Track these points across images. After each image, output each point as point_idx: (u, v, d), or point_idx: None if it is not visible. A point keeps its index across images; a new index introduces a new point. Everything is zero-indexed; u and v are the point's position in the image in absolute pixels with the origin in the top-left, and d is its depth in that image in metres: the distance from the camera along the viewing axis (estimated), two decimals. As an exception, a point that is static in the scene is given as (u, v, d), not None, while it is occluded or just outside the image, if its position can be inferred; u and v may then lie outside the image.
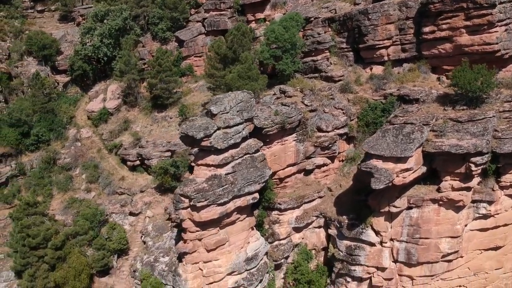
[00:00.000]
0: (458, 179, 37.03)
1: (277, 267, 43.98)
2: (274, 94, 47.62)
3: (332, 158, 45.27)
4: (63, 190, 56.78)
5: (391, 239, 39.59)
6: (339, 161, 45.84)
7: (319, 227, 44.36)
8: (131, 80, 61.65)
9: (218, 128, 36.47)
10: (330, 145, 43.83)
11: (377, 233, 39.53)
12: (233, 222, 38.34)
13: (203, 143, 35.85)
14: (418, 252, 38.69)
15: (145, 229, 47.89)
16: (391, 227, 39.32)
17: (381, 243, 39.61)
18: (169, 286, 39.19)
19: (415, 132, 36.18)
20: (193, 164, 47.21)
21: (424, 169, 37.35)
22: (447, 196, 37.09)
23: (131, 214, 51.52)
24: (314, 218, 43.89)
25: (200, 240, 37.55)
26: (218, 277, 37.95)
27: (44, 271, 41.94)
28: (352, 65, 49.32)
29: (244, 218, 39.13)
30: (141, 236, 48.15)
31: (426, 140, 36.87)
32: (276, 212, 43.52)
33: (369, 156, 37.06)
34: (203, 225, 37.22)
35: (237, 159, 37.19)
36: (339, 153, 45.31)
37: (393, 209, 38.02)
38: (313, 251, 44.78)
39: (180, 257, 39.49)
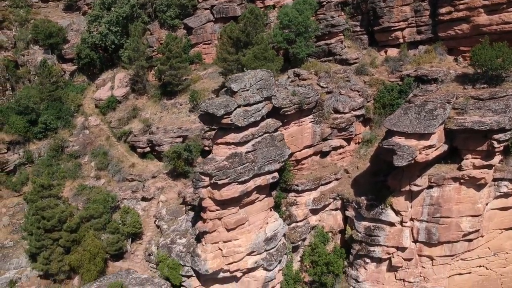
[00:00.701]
0: (479, 157, 36.74)
1: (294, 249, 43.60)
2: (288, 77, 47.19)
3: (348, 140, 44.93)
4: (72, 177, 56.13)
5: (411, 219, 39.26)
6: (356, 143, 45.51)
7: (336, 209, 44.01)
8: (139, 68, 60.97)
9: (238, 106, 35.96)
10: (347, 127, 43.47)
11: (397, 213, 39.19)
12: (252, 202, 37.85)
13: (224, 121, 35.38)
14: (439, 232, 38.37)
15: (158, 213, 47.37)
16: (411, 207, 38.97)
17: (401, 223, 39.27)
18: (188, 267, 38.61)
19: (438, 109, 35.89)
20: (206, 148, 47.05)
21: (445, 147, 37.06)
22: (469, 174, 36.78)
23: (143, 199, 50.97)
24: (331, 200, 43.50)
25: (220, 219, 37.07)
26: (238, 257, 37.45)
27: (59, 254, 41.44)
28: (367, 48, 49.05)
29: (263, 198, 38.67)
30: (155, 221, 47.63)
31: (448, 117, 36.48)
32: (293, 194, 43.13)
33: (390, 134, 36.74)
34: (223, 204, 36.74)
35: (257, 137, 36.73)
36: (355, 135, 44.97)
37: (414, 188, 37.68)
38: (330, 234, 44.39)
39: (199, 237, 38.99)
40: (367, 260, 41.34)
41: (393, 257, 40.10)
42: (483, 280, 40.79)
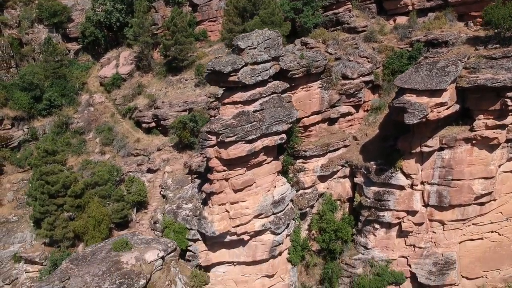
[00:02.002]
0: (492, 117, 35.95)
1: (302, 216, 42.88)
2: (295, 45, 46.47)
3: (357, 107, 44.18)
4: (77, 153, 55.67)
5: (422, 182, 38.45)
6: (364, 111, 44.78)
7: (344, 176, 43.26)
8: (144, 44, 60.47)
9: (246, 64, 35.29)
10: (356, 93, 42.76)
11: (407, 176, 38.42)
12: (260, 164, 37.17)
13: (231, 79, 34.73)
14: (450, 194, 37.52)
15: (164, 183, 46.78)
16: (422, 170, 38.19)
17: (411, 186, 38.47)
18: (194, 230, 37.94)
19: (450, 66, 35.16)
20: (212, 118, 46.20)
21: (457, 106, 36.29)
22: (481, 134, 35.97)
23: (148, 171, 50.47)
24: (340, 167, 42.76)
25: (227, 180, 36.40)
26: (245, 219, 36.74)
27: (63, 221, 40.88)
28: (375, 17, 48.31)
29: (271, 161, 38.00)
30: (161, 191, 47.06)
31: (460, 76, 35.69)
32: (301, 160, 42.44)
33: (401, 92, 36.00)
34: (230, 164, 36.08)
35: (264, 97, 36.06)
36: (364, 102, 44.21)
37: (425, 149, 36.92)
38: (338, 202, 43.57)
39: (206, 201, 38.32)
40: (377, 226, 40.52)
41: (403, 221, 39.26)
42: (495, 246, 39.88)
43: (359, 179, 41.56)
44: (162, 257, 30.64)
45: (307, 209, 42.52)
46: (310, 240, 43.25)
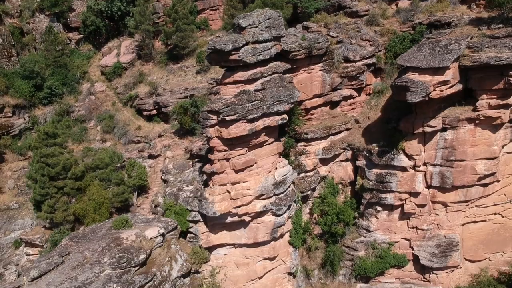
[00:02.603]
0: (495, 96, 35.60)
1: (304, 200, 42.58)
2: (297, 29, 46.18)
3: (359, 91, 43.93)
4: (78, 141, 55.54)
5: (425, 164, 38.12)
6: (366, 94, 44.49)
7: (346, 160, 42.94)
8: (145, 34, 60.31)
9: (247, 43, 35.04)
10: (358, 75, 42.48)
11: (409, 157, 38.10)
12: (261, 145, 36.92)
13: (232, 57, 34.52)
14: (453, 175, 37.19)
15: (165, 168, 46.57)
16: (424, 151, 37.86)
17: (414, 167, 38.15)
18: (195, 212, 37.65)
19: (452, 44, 34.85)
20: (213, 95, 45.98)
21: (460, 86, 35.94)
22: (484, 114, 35.65)
23: (150, 157, 50.31)
24: (341, 150, 42.47)
25: (228, 160, 36.15)
26: (246, 200, 36.46)
27: (64, 204, 40.62)
28: (377, 1, 48.04)
29: (272, 142, 37.72)
30: (161, 176, 46.78)
31: (463, 55, 35.36)
32: (302, 143, 42.14)
33: (403, 71, 35.69)
34: (231, 144, 35.83)
35: (266, 76, 35.83)
36: (366, 85, 43.94)
37: (428, 129, 36.59)
38: (340, 186, 43.24)
39: (207, 181, 38.07)
40: (379, 208, 40.21)
41: (405, 203, 38.92)
42: (498, 228, 39.51)
43: (361, 162, 41.25)
44: (163, 234, 30.38)
45: (309, 192, 42.20)
46: (311, 224, 42.92)
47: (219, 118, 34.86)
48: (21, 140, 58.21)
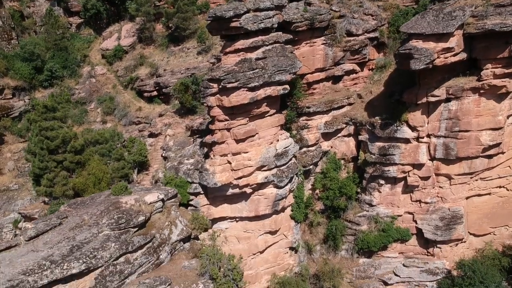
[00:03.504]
0: (500, 65, 35.05)
1: (306, 175, 42.07)
2: (298, 3, 45.58)
3: (361, 65, 43.42)
4: (78, 123, 55.13)
5: (428, 135, 37.60)
6: (369, 69, 43.92)
7: (349, 135, 42.44)
8: (146, 17, 59.88)
9: (248, 11, 34.59)
10: (360, 49, 42.02)
11: (413, 129, 37.60)
12: (262, 115, 36.44)
13: (232, 24, 34.07)
14: (458, 146, 36.64)
15: (166, 145, 46.08)
16: (428, 123, 37.36)
17: (417, 139, 37.65)
18: (195, 184, 37.14)
19: (457, 11, 34.34)
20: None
21: (464, 55, 35.35)
22: (489, 83, 35.12)
23: (150, 135, 49.89)
24: (344, 125, 41.97)
25: (228, 130, 35.68)
26: (248, 171, 35.95)
27: (63, 178, 40.11)
28: (380, -24, 47.37)
29: (274, 114, 37.20)
30: (162, 154, 46.29)
31: (467, 23, 34.81)
32: (304, 117, 41.65)
33: (407, 39, 35.17)
34: (232, 114, 35.37)
35: (267, 45, 35.35)
36: (369, 60, 43.37)
37: (432, 99, 36.11)
38: (342, 161, 42.71)
39: (207, 153, 37.59)
40: (381, 182, 39.68)
41: (408, 176, 38.39)
42: (503, 202, 38.92)
43: (363, 136, 40.75)
44: (162, 200, 29.89)
45: (311, 167, 41.71)
46: (313, 200, 42.38)
47: (220, 86, 34.40)
48: (21, 122, 57.78)
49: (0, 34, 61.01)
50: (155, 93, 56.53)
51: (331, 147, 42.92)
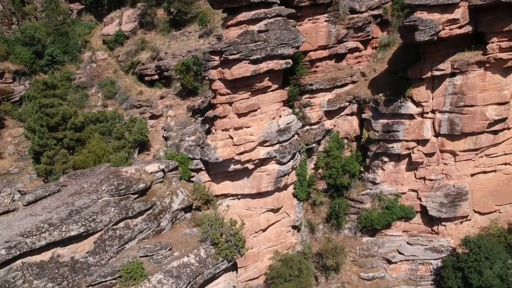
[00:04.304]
0: (506, 38, 34.44)
1: (308, 153, 41.56)
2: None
3: (365, 43, 42.89)
4: (79, 107, 54.64)
5: (433, 111, 37.06)
6: (372, 48, 43.38)
7: (352, 114, 41.95)
8: (147, 1, 59.52)
9: (249, -19, 34.06)
10: (364, 26, 41.44)
11: (417, 104, 37.09)
12: (264, 90, 35.95)
13: (235, -6, 33.49)
14: (463, 122, 36.10)
15: (167, 125, 45.63)
16: (432, 98, 36.84)
17: (421, 114, 37.15)
18: (197, 160, 36.66)
19: (462, -18, 33.64)
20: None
21: (470, 28, 34.77)
22: (495, 56, 34.52)
23: (151, 117, 49.51)
24: (347, 103, 41.47)
25: (230, 104, 35.21)
26: (250, 146, 35.45)
27: (63, 156, 39.61)
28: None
29: (276, 89, 36.70)
30: (163, 135, 45.85)
31: (473, -4, 34.24)
32: (307, 95, 41.17)
33: (411, 12, 34.63)
34: (234, 87, 34.90)
35: (269, 18, 34.82)
36: (372, 38, 42.81)
37: (436, 73, 35.58)
38: (345, 140, 42.18)
39: (209, 130, 37.12)
40: (385, 159, 39.14)
41: (413, 152, 37.85)
42: (508, 179, 38.36)
43: (367, 114, 40.25)
44: (163, 170, 29.37)
45: (314, 145, 41.21)
46: (316, 179, 41.85)
47: (222, 59, 33.92)
48: (21, 107, 57.42)
49: (0, 19, 60.52)
50: (156, 77, 56.10)
51: (334, 126, 42.41)
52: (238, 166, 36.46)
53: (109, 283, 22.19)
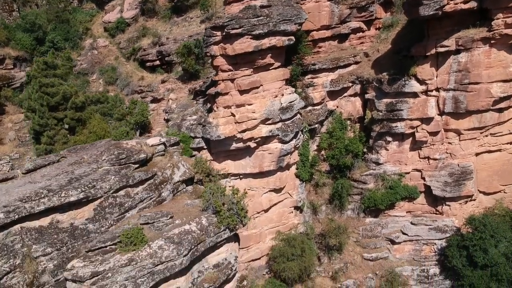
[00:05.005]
0: (512, 14, 33.92)
1: (311, 134, 41.14)
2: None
3: (368, 24, 42.51)
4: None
5: (437, 89, 36.57)
6: (376, 29, 42.93)
7: (355, 94, 41.52)
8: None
9: (252, -43, 33.67)
10: (367, 6, 41.10)
11: (421, 82, 36.65)
12: (267, 68, 35.56)
13: (237, -31, 33.10)
14: (467, 99, 35.63)
15: (168, 107, 45.24)
16: (437, 76, 36.35)
17: (426, 92, 36.69)
18: (198, 138, 36.29)
19: (467, -44, 33.19)
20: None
21: (474, 4, 34.28)
22: (500, 32, 34.03)
23: (152, 101, 49.10)
24: (350, 84, 41.04)
25: (232, 81, 34.81)
26: (252, 124, 35.06)
27: (63, 136, 39.29)
28: None
29: (279, 67, 36.27)
30: (164, 117, 45.46)
31: (479, -31, 33.82)
32: (309, 76, 40.73)
33: (415, -12, 34.19)
34: (236, 64, 34.55)
35: (272, -7, 34.42)
36: (376, 18, 42.36)
37: (441, 49, 35.18)
38: (348, 122, 41.73)
39: (211, 108, 36.72)
40: (389, 139, 38.70)
41: (417, 131, 37.41)
42: (514, 159, 37.85)
43: (370, 94, 39.83)
44: (164, 144, 28.93)
45: (316, 126, 40.81)
46: (319, 161, 41.40)
47: (224, 34, 33.51)
48: (22, 93, 57.09)
49: (1, 5, 60.25)
50: (157, 62, 55.66)
51: (337, 107, 41.98)
52: (240, 145, 36.06)
53: (108, 248, 21.77)
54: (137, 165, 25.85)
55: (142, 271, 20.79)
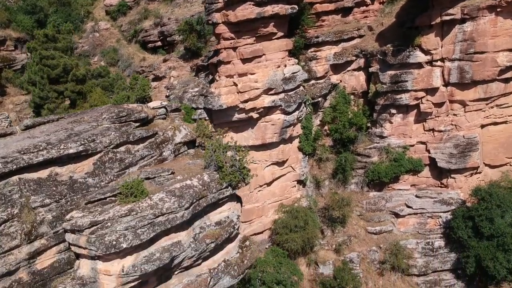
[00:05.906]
0: (519, -19, 33.39)
1: (314, 109, 40.66)
2: None
3: (372, -3, 41.92)
4: (81, 74, 53.63)
5: (442, 60, 36.05)
6: (379, 3, 42.46)
7: (359, 69, 41.05)
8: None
9: None
10: (371, -21, 40.43)
11: (426, 52, 36.17)
12: (269, 38, 35.12)
13: None
14: (473, 69, 35.12)
15: (170, 84, 44.79)
16: (442, 46, 35.85)
17: (430, 63, 36.17)
18: (200, 109, 35.88)
19: None
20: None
21: (480, -29, 33.79)
22: (507, 0, 33.43)
23: (154, 79, 48.77)
24: (354, 57, 40.56)
25: (235, 50, 34.38)
26: (254, 94, 34.61)
27: (64, 110, 38.79)
28: None
29: (281, 37, 35.80)
30: (166, 93, 45.00)
31: None
32: (312, 49, 40.24)
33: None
34: (238, 32, 34.13)
35: (275, -40, 33.91)
36: (380, -7, 41.86)
37: (446, 18, 34.71)
38: (352, 96, 41.24)
39: (213, 79, 36.28)
40: (393, 111, 38.23)
41: (421, 102, 36.93)
42: (520, 131, 37.28)
43: (374, 67, 39.37)
44: (165, 108, 28.46)
45: (319, 99, 40.34)
46: (322, 136, 40.92)
47: (226, 0, 33.03)
48: (23, 75, 56.72)
49: (2, -13, 60.01)
50: (159, 43, 55.51)
51: (340, 81, 41.46)
52: (242, 115, 35.62)
53: (108, 199, 21.29)
54: (138, 124, 25.34)
55: (142, 221, 20.29)
